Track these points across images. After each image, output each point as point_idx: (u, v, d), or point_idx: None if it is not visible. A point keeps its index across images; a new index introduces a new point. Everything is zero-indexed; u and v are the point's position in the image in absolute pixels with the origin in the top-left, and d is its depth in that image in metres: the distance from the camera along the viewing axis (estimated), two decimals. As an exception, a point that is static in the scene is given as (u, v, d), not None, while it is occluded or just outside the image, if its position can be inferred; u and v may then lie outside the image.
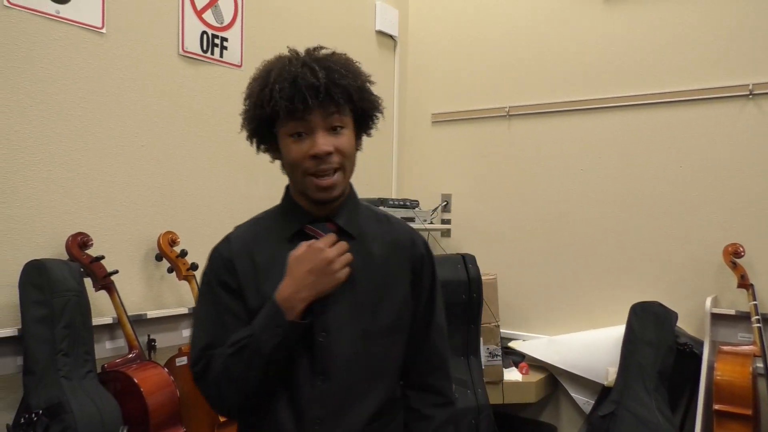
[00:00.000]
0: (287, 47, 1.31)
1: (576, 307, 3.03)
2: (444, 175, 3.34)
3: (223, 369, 1.20)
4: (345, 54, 1.30)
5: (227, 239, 1.35)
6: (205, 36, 2.66)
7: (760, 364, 2.45)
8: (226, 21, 2.75)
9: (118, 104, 2.36)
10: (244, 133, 1.32)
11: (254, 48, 2.84)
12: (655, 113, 2.89)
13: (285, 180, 1.36)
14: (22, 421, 1.84)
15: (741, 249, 2.62)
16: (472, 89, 3.28)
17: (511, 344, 2.97)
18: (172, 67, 2.54)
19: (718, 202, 2.75)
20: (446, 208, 3.35)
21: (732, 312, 2.65)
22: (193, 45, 2.62)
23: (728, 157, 2.73)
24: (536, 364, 2.94)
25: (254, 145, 1.33)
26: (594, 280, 3.01)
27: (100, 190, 2.31)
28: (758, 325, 2.48)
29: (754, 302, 2.53)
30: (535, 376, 2.84)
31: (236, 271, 1.28)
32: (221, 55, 2.73)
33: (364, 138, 1.38)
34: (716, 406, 2.41)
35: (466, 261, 2.63)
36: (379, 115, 1.35)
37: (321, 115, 1.20)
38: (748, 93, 2.67)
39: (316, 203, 1.27)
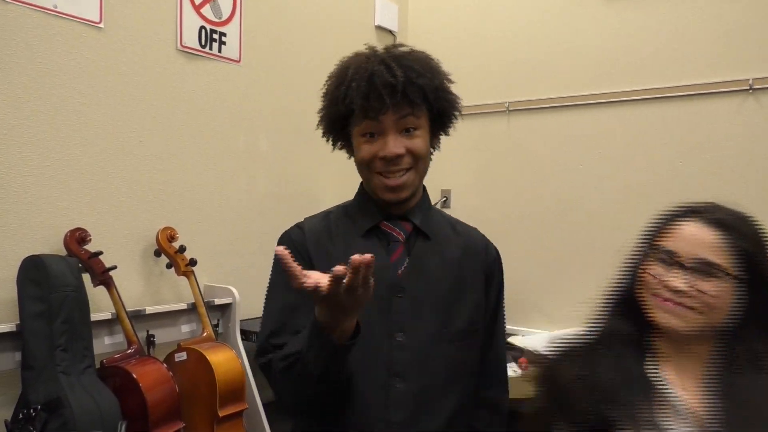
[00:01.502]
0: (364, 45, 1.30)
1: (577, 302, 3.00)
2: (443, 171, 3.33)
3: (280, 379, 1.16)
4: (424, 52, 1.30)
5: (299, 227, 1.32)
6: (203, 31, 2.65)
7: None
8: (225, 16, 2.74)
9: (117, 99, 2.36)
10: (320, 131, 1.32)
11: (253, 43, 2.83)
12: (654, 108, 2.88)
13: (285, 176, 1.36)
14: (21, 416, 1.84)
15: None
16: (471, 84, 3.27)
17: (511, 340, 2.97)
18: (170, 63, 2.53)
19: (718, 197, 2.72)
20: (446, 203, 3.34)
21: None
22: (192, 40, 2.61)
23: (728, 152, 2.72)
24: (536, 360, 2.94)
25: (330, 142, 1.32)
26: (594, 275, 2.97)
27: (98, 185, 2.30)
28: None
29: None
30: (535, 372, 2.84)
31: (310, 256, 1.24)
32: (220, 51, 2.72)
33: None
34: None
35: None
36: (457, 114, 1.36)
37: (394, 116, 1.19)
38: (748, 88, 2.66)
39: (386, 204, 1.26)
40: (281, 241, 1.29)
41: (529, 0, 3.20)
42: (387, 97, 1.14)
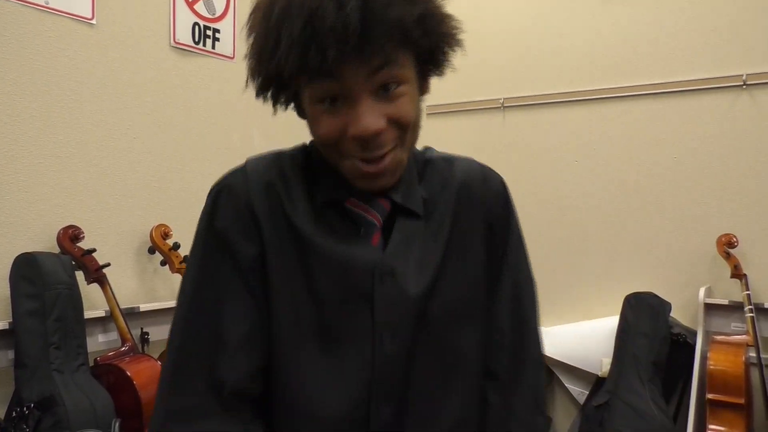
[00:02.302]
0: None
1: (571, 298, 3.04)
2: None
3: None
4: None
5: (241, 171, 0.90)
6: (196, 27, 2.64)
7: (753, 354, 2.46)
8: (218, 12, 2.73)
9: (110, 96, 2.34)
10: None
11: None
12: (649, 104, 2.88)
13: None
14: (14, 414, 1.83)
15: (735, 239, 2.62)
16: (466, 81, 3.26)
17: None
18: (163, 59, 2.52)
19: (712, 193, 2.75)
20: None
21: (725, 302, 2.65)
22: (185, 36, 2.60)
23: (722, 148, 2.73)
24: None
25: (269, 102, 0.89)
26: (588, 271, 3.01)
27: (91, 182, 2.29)
28: (751, 315, 2.48)
29: (747, 292, 2.53)
30: None
31: (257, 219, 0.85)
32: (213, 47, 2.71)
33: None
34: (709, 396, 2.41)
35: None
36: (455, 47, 0.92)
37: (362, 71, 0.76)
38: (741, 83, 2.66)
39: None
40: (216, 197, 0.88)
41: None
42: (338, 48, 0.72)
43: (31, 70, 2.11)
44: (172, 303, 2.45)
